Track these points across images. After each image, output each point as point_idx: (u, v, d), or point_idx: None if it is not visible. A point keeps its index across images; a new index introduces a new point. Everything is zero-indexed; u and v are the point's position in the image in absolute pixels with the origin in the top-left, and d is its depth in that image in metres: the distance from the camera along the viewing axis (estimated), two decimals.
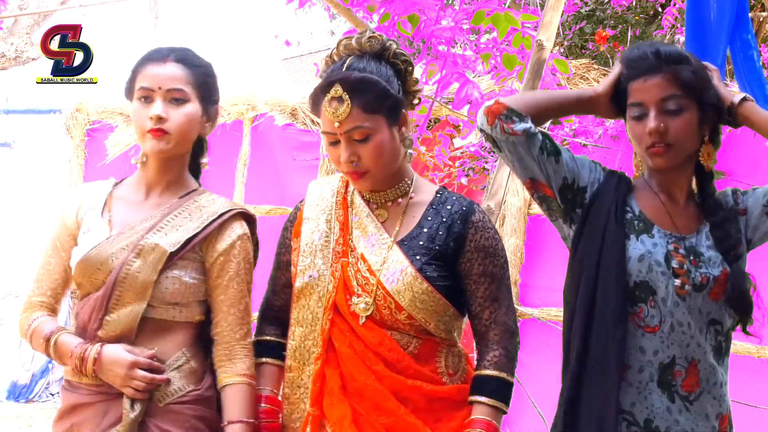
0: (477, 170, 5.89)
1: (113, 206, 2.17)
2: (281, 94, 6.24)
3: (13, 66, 8.75)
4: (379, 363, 1.99)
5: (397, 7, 3.04)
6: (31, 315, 2.14)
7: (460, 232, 2.03)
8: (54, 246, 2.16)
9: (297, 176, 6.08)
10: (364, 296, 2.02)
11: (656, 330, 1.92)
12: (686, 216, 2.02)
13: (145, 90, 2.12)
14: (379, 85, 2.02)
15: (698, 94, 1.96)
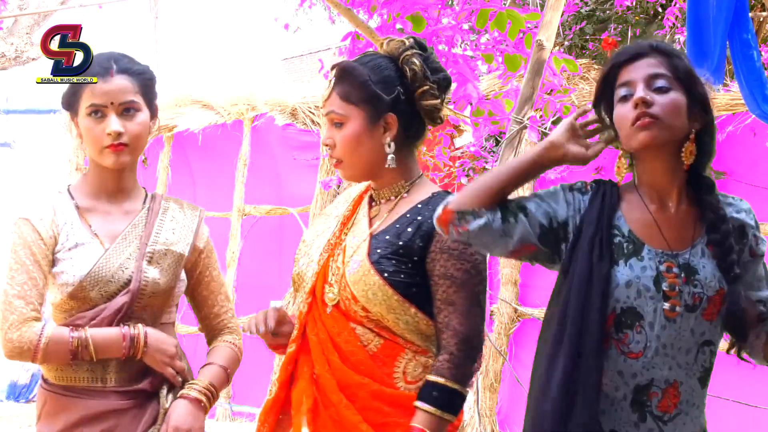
0: (477, 170, 5.89)
1: (88, 218, 2.17)
2: (281, 94, 6.25)
3: (13, 66, 8.76)
4: (335, 354, 2.00)
5: (398, 8, 3.05)
6: (33, 327, 2.06)
7: (428, 231, 2.01)
8: (34, 261, 2.10)
9: (297, 176, 6.09)
10: (335, 286, 2.04)
11: (639, 356, 1.87)
12: (679, 227, 1.94)
13: (96, 107, 2.14)
14: (360, 78, 2.05)
15: (687, 83, 1.92)
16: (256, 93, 6.30)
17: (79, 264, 2.10)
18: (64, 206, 2.17)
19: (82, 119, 2.16)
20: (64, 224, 2.14)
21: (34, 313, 2.07)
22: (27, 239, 2.11)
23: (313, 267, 2.10)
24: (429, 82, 2.08)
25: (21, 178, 8.75)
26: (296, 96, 6.11)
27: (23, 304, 2.06)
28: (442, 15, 3.22)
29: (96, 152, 2.16)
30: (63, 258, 2.12)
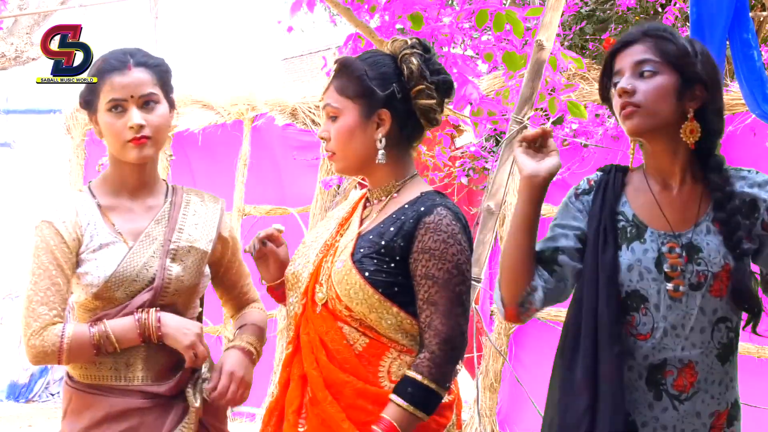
0: (477, 170, 5.89)
1: (111, 217, 2.17)
2: (281, 94, 6.25)
3: (13, 66, 8.76)
4: (322, 351, 2.02)
5: (399, 7, 3.05)
6: (53, 330, 2.06)
7: (409, 230, 2.02)
8: (57, 266, 2.09)
9: (297, 176, 6.09)
10: (324, 285, 2.05)
11: (647, 337, 1.91)
12: (683, 207, 1.96)
13: (116, 101, 2.13)
14: (355, 73, 2.08)
15: (678, 63, 1.93)
16: (256, 93, 6.30)
17: (103, 265, 2.11)
18: (86, 206, 2.17)
19: (102, 115, 2.16)
20: (87, 225, 2.14)
21: (57, 319, 2.07)
22: (50, 243, 2.10)
23: (308, 268, 2.12)
24: (426, 82, 2.08)
25: (21, 178, 8.76)
26: (296, 96, 6.11)
27: (46, 310, 2.07)
28: (442, 15, 3.22)
29: (118, 147, 2.15)
30: (87, 259, 2.12)
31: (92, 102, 2.18)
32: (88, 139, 6.56)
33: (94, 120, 2.21)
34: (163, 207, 2.21)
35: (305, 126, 6.00)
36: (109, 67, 2.15)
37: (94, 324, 2.08)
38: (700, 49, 1.96)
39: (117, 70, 2.14)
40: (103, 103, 2.15)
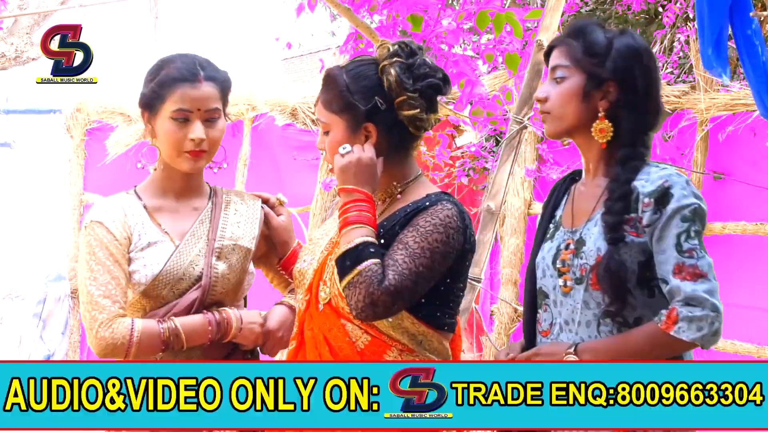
0: (477, 170, 5.89)
1: (157, 217, 2.21)
2: (281, 94, 6.24)
3: (13, 66, 8.75)
4: (325, 348, 2.04)
5: (399, 8, 3.04)
6: (123, 323, 2.09)
7: (410, 218, 2.03)
8: (114, 261, 2.12)
9: (297, 176, 6.08)
10: (328, 283, 2.07)
11: (548, 333, 2.00)
12: (585, 203, 2.01)
13: (182, 112, 2.16)
14: (338, 88, 2.09)
15: (585, 65, 1.96)
16: (256, 93, 6.29)
17: (151, 263, 2.15)
18: (133, 207, 2.21)
19: (163, 121, 2.18)
20: (135, 224, 2.18)
21: (122, 311, 2.11)
22: (103, 240, 2.14)
23: (313, 265, 2.13)
24: (407, 92, 2.06)
25: (21, 178, 8.75)
26: (296, 96, 6.10)
27: (110, 303, 2.09)
28: (443, 16, 3.22)
29: (173, 155, 2.19)
30: (136, 258, 2.16)
31: (155, 106, 2.19)
32: (88, 139, 6.55)
33: (151, 122, 2.21)
34: (207, 208, 2.26)
35: (305, 126, 5.99)
36: (179, 76, 2.17)
37: (163, 321, 2.11)
38: (618, 45, 1.96)
39: (188, 82, 2.17)
40: (168, 110, 2.16)
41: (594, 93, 1.96)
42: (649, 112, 1.98)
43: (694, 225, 1.88)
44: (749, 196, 4.47)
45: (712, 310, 1.83)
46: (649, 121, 1.98)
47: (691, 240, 1.87)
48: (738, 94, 4.47)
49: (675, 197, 1.88)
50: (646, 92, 1.97)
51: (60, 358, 6.56)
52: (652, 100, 1.98)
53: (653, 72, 1.99)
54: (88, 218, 2.19)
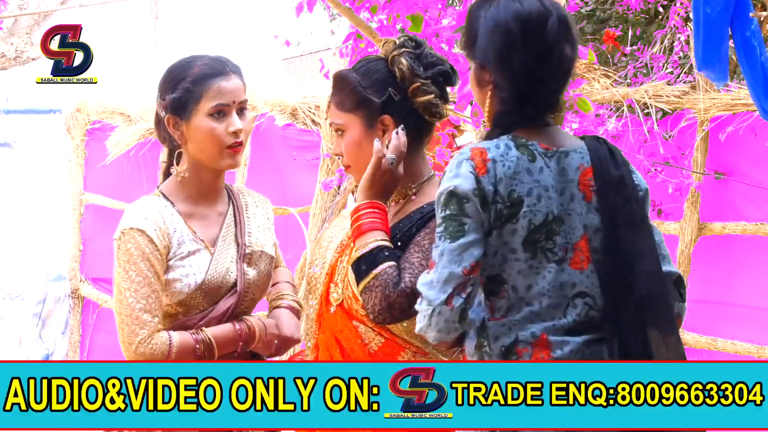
0: None
1: (192, 223, 2.21)
2: (281, 94, 6.24)
3: (13, 66, 8.75)
4: (337, 350, 2.05)
5: (400, 8, 3.04)
6: (162, 338, 2.10)
7: (425, 221, 2.04)
8: (154, 273, 2.12)
9: (297, 176, 6.08)
10: (340, 285, 2.08)
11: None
12: None
13: (221, 106, 2.16)
14: (350, 86, 2.10)
15: (467, 52, 1.96)
16: (256, 93, 6.29)
17: (194, 273, 2.15)
18: (169, 213, 2.19)
19: (200, 119, 2.16)
20: (173, 232, 2.17)
21: (160, 325, 2.12)
22: (145, 251, 2.12)
23: (325, 269, 2.14)
24: (420, 79, 2.09)
25: (21, 178, 8.74)
26: (296, 96, 6.10)
27: (150, 318, 2.10)
28: (443, 16, 3.22)
29: (215, 154, 2.18)
30: (176, 266, 2.15)
31: (188, 108, 2.17)
32: (88, 139, 6.55)
33: (182, 127, 2.19)
34: (229, 211, 2.26)
35: (305, 126, 5.99)
36: (212, 72, 2.17)
37: (197, 332, 2.13)
38: (481, 25, 1.92)
39: (221, 75, 2.17)
40: (205, 107, 2.16)
41: (482, 77, 1.94)
42: (518, 79, 1.89)
43: (444, 210, 1.82)
44: (749, 196, 4.47)
45: (427, 303, 1.79)
46: (523, 89, 1.89)
47: (438, 228, 1.83)
48: (738, 94, 4.47)
49: (441, 184, 1.86)
50: (509, 65, 1.88)
51: (60, 358, 6.56)
52: (519, 70, 1.88)
53: (514, 42, 1.88)
54: (126, 224, 2.15)
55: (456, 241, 1.79)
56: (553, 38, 1.88)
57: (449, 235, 1.80)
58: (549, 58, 1.88)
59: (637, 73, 6.00)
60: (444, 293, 1.78)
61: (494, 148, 1.85)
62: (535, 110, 1.91)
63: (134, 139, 6.11)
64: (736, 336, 4.48)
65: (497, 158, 1.84)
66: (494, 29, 1.88)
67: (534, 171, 1.86)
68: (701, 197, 4.51)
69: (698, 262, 4.55)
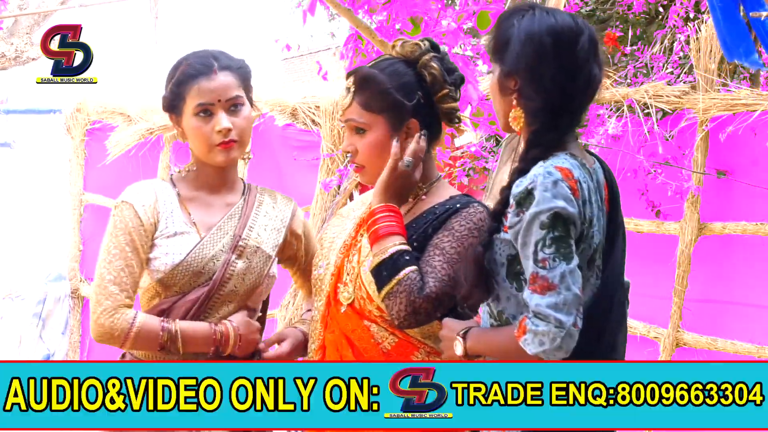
0: (477, 170, 5.89)
1: (189, 207, 2.21)
2: (281, 94, 6.24)
3: (13, 66, 8.75)
4: (349, 350, 2.05)
5: (399, 9, 3.04)
6: (126, 314, 2.10)
7: (443, 220, 2.05)
8: (133, 248, 2.13)
9: (297, 176, 6.08)
10: (349, 285, 2.07)
11: None
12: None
13: (203, 106, 2.16)
14: (381, 87, 2.07)
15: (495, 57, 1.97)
16: (256, 93, 6.30)
17: (173, 252, 2.15)
18: (166, 193, 2.21)
19: (188, 119, 2.19)
20: (164, 211, 2.18)
21: (128, 300, 2.12)
22: (128, 225, 2.14)
23: (330, 270, 2.13)
24: (447, 86, 2.10)
25: (21, 178, 8.74)
26: (296, 96, 6.10)
27: (118, 291, 2.10)
28: (442, 17, 3.22)
29: (205, 151, 2.19)
30: (160, 244, 2.16)
31: (178, 106, 2.20)
32: (88, 139, 6.56)
33: (179, 124, 2.22)
34: (238, 204, 2.26)
35: (305, 126, 5.99)
36: (194, 72, 2.18)
37: (167, 321, 2.11)
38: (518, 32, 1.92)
39: (203, 75, 2.17)
40: (190, 107, 2.17)
41: (507, 84, 1.93)
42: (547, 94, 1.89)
43: (551, 232, 1.79)
44: (749, 196, 4.47)
45: (556, 326, 1.76)
46: (552, 104, 1.90)
47: (546, 249, 1.79)
48: (738, 94, 4.47)
49: (535, 200, 1.81)
50: (540, 77, 1.89)
51: (60, 358, 6.56)
52: (548, 81, 1.89)
53: (546, 55, 1.89)
54: (119, 198, 2.19)
55: (571, 263, 1.79)
56: (583, 56, 1.91)
57: (564, 257, 1.78)
58: (578, 75, 1.91)
59: (637, 73, 5.99)
60: (572, 315, 1.76)
61: (575, 168, 1.86)
62: (567, 125, 1.93)
63: (134, 139, 6.11)
64: (736, 336, 4.47)
65: (581, 179, 1.86)
66: (527, 40, 1.89)
67: (593, 190, 1.90)
68: (701, 197, 4.51)
69: (698, 262, 4.55)
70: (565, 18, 1.92)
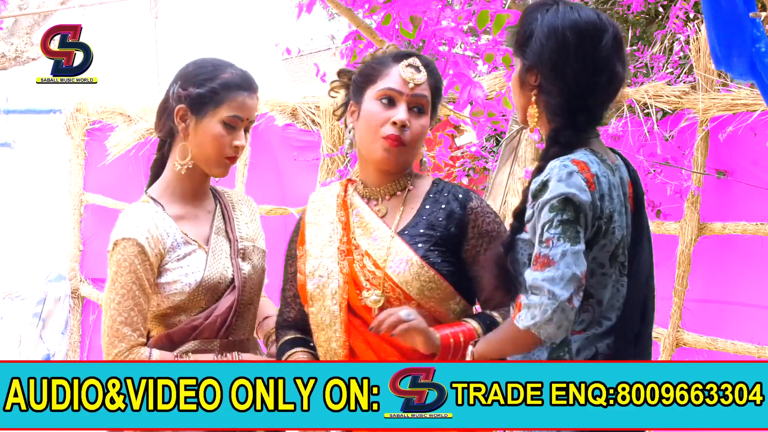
0: (477, 170, 5.89)
1: (183, 225, 2.22)
2: (281, 94, 6.24)
3: (13, 66, 8.75)
4: (395, 354, 2.03)
5: (399, 9, 3.04)
6: (141, 355, 2.11)
7: (460, 217, 2.08)
8: (140, 286, 2.12)
9: (297, 176, 6.08)
10: (374, 290, 2.06)
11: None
12: None
13: (236, 119, 2.19)
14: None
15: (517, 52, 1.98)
16: None
17: (191, 272, 2.17)
18: (161, 218, 2.19)
19: (212, 124, 2.18)
20: (167, 237, 2.17)
21: (141, 339, 2.13)
22: (134, 262, 2.12)
23: (336, 278, 2.10)
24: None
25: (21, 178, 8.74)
26: (296, 96, 6.10)
27: (130, 331, 2.11)
28: (442, 17, 3.22)
29: (213, 159, 2.20)
30: (173, 268, 2.17)
31: (205, 108, 2.18)
32: (88, 139, 6.55)
33: (191, 122, 2.19)
34: (217, 209, 2.28)
35: (305, 126, 5.99)
36: (240, 83, 2.19)
37: (181, 356, 2.14)
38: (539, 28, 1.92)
39: (246, 91, 2.20)
40: (220, 114, 2.17)
41: (526, 78, 1.93)
42: (568, 90, 1.89)
43: (560, 215, 1.78)
44: (749, 196, 4.47)
45: (549, 297, 1.74)
46: (573, 101, 1.89)
47: (552, 229, 1.78)
48: (738, 94, 4.47)
49: (548, 190, 1.81)
50: (562, 73, 1.89)
51: (60, 358, 6.56)
52: (570, 77, 1.88)
53: (568, 51, 1.88)
54: (118, 234, 2.15)
55: (576, 246, 1.77)
56: (606, 53, 1.89)
57: (569, 239, 1.77)
58: (601, 73, 1.89)
59: (637, 73, 5.99)
60: (567, 291, 1.75)
61: (593, 164, 1.86)
62: (587, 123, 1.92)
63: (134, 139, 6.11)
64: (736, 336, 4.48)
65: (599, 174, 1.86)
66: (550, 34, 1.88)
67: (615, 186, 1.89)
68: (701, 197, 4.51)
69: (698, 262, 4.55)
70: (590, 14, 1.90)
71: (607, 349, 1.90)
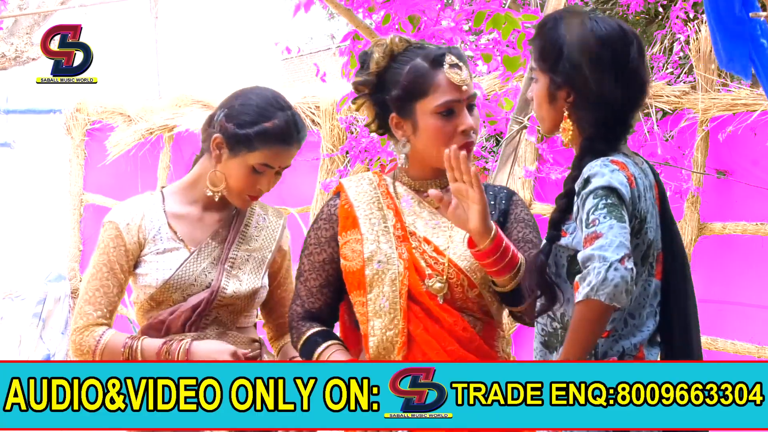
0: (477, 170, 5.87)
1: (175, 224, 2.22)
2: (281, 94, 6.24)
3: (13, 66, 8.75)
4: (454, 343, 2.03)
5: (398, 8, 3.04)
6: (94, 332, 2.17)
7: (505, 208, 2.11)
8: (111, 269, 2.18)
9: (297, 176, 6.08)
10: (437, 276, 2.05)
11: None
12: None
13: (265, 167, 2.18)
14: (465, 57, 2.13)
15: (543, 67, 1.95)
16: None
17: (162, 268, 2.18)
18: (155, 210, 2.22)
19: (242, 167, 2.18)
20: (151, 229, 2.20)
21: (101, 319, 2.18)
22: (109, 245, 2.19)
23: (396, 264, 2.08)
24: None
25: (21, 178, 8.75)
26: (296, 96, 6.10)
27: (91, 310, 2.17)
28: (441, 17, 3.22)
29: (235, 194, 2.21)
30: (149, 261, 2.20)
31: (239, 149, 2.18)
32: (88, 139, 6.56)
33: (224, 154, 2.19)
34: (229, 217, 2.27)
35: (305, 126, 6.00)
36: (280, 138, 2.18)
37: (133, 338, 2.16)
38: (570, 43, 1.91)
39: (284, 144, 2.19)
40: (253, 159, 2.17)
41: (557, 94, 1.93)
42: (604, 105, 1.90)
43: (604, 199, 1.80)
44: (749, 196, 4.47)
45: (600, 261, 1.74)
46: (608, 115, 1.91)
47: (597, 211, 1.79)
48: (738, 94, 4.47)
49: (592, 183, 1.83)
50: (598, 88, 1.89)
51: (60, 358, 6.56)
52: (606, 93, 1.89)
53: (603, 69, 1.89)
54: (106, 217, 2.23)
55: (622, 222, 1.78)
56: (635, 64, 1.92)
57: (615, 217, 1.78)
58: (633, 84, 1.92)
59: None
60: (617, 254, 1.74)
61: (630, 165, 1.88)
62: (622, 133, 1.95)
63: (134, 139, 6.12)
64: (736, 336, 4.48)
65: (636, 175, 1.88)
66: (582, 52, 1.89)
67: (648, 188, 1.91)
68: (701, 197, 4.52)
69: (698, 262, 4.55)
70: (614, 27, 1.92)
71: (634, 349, 1.91)
